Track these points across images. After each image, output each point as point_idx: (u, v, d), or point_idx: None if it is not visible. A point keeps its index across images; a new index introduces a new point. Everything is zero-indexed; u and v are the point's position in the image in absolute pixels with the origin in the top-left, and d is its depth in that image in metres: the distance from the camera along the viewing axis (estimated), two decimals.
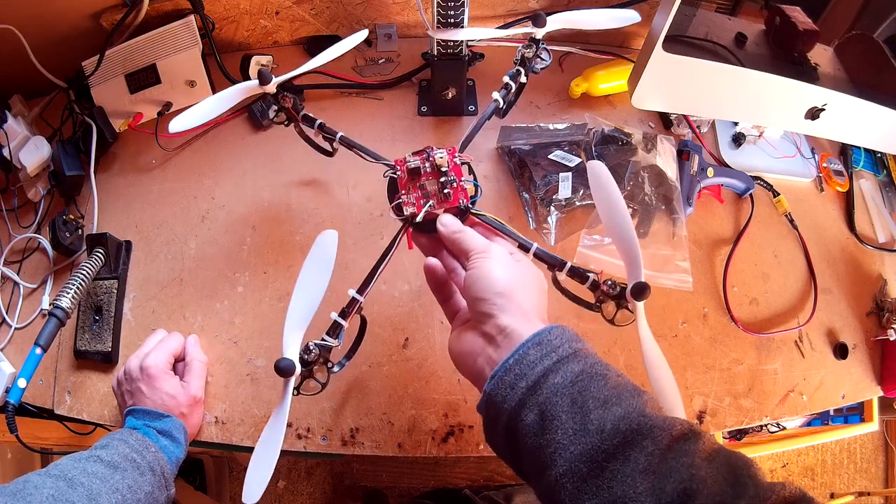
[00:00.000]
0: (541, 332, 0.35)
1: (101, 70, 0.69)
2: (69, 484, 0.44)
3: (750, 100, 0.65)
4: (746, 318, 0.67)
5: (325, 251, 0.46)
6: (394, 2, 0.76)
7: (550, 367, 0.33)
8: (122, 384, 0.57)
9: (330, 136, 0.56)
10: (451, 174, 0.47)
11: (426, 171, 0.47)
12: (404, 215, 0.47)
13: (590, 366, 0.34)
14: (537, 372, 0.33)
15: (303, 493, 1.45)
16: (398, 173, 0.48)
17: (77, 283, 0.58)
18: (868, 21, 0.60)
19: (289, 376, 0.42)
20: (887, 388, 0.69)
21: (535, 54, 0.57)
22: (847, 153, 0.81)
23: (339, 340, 0.45)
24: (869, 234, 0.77)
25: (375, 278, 0.46)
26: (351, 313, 0.45)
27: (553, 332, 0.35)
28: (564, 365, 0.34)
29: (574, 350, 0.35)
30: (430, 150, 0.48)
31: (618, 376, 0.34)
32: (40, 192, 0.72)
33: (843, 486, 1.60)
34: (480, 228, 0.46)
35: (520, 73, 0.56)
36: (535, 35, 0.56)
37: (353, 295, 0.45)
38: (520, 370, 0.34)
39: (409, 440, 0.59)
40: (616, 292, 0.43)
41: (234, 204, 0.70)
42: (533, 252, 0.44)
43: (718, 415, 0.63)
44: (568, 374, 0.33)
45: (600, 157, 0.68)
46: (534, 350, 0.34)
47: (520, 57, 0.57)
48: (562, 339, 0.35)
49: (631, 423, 0.30)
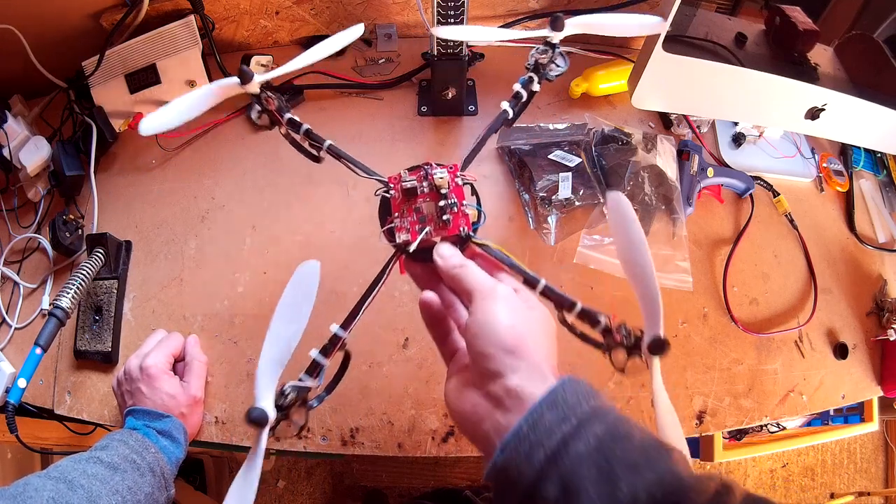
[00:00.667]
0: (554, 391, 0.31)
1: (101, 70, 0.69)
2: (69, 486, 0.44)
3: (750, 100, 0.65)
4: (746, 318, 0.67)
5: (305, 285, 0.40)
6: (394, 2, 0.76)
7: (570, 433, 0.29)
8: (122, 384, 0.58)
9: (317, 144, 0.49)
10: (452, 197, 0.41)
11: (423, 192, 0.41)
12: (397, 242, 0.41)
13: (612, 425, 0.30)
14: (556, 440, 0.29)
15: (303, 493, 1.45)
16: (391, 193, 0.42)
17: (77, 283, 0.58)
18: (868, 21, 0.60)
19: (262, 427, 0.36)
20: (887, 388, 0.69)
21: (551, 59, 0.51)
22: (847, 153, 0.82)
23: (319, 380, 0.39)
24: (869, 234, 0.77)
25: (361, 313, 0.41)
26: (333, 351, 0.40)
27: (567, 388, 0.31)
28: (586, 428, 0.30)
29: (593, 409, 0.31)
30: (428, 167, 0.41)
31: (641, 432, 0.31)
32: (40, 192, 0.72)
33: (843, 486, 1.60)
34: (481, 260, 0.41)
35: (532, 80, 0.49)
36: (552, 39, 0.50)
37: (335, 331, 0.40)
38: (535, 438, 0.30)
39: (409, 440, 0.59)
40: (630, 343, 0.38)
41: (234, 204, 0.70)
42: (540, 289, 0.39)
43: (718, 415, 0.63)
44: (591, 440, 0.29)
45: (600, 156, 0.68)
46: (549, 413, 0.30)
47: (533, 62, 0.50)
48: (577, 395, 0.31)
49: (665, 488, 0.28)
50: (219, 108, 0.75)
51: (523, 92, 0.49)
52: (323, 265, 0.65)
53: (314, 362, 0.39)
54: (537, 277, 0.40)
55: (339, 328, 0.40)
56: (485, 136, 0.47)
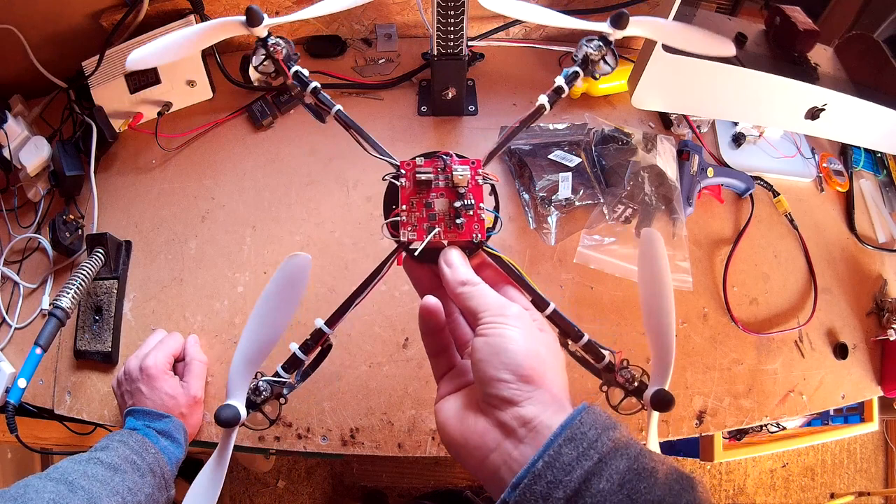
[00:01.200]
0: (570, 423, 0.28)
1: (101, 70, 0.69)
2: (69, 488, 0.44)
3: (750, 100, 0.65)
4: (746, 318, 0.67)
5: (294, 279, 0.36)
6: (394, 2, 0.76)
7: (592, 470, 0.27)
8: (122, 384, 0.58)
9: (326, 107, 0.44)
10: (470, 197, 0.37)
11: (438, 186, 0.37)
12: (400, 239, 0.37)
13: (634, 460, 0.28)
14: (576, 478, 0.27)
15: (303, 493, 1.45)
16: (402, 181, 0.38)
17: (77, 283, 0.58)
18: (868, 21, 0.60)
19: (232, 427, 0.34)
20: (887, 388, 0.69)
21: (603, 57, 0.46)
22: (847, 153, 0.81)
23: (298, 377, 0.37)
24: (869, 234, 0.77)
25: (351, 309, 0.38)
26: (315, 347, 0.37)
27: (585, 419, 0.29)
28: (608, 465, 0.27)
29: (614, 441, 0.28)
30: (447, 157, 0.37)
31: (664, 464, 0.29)
32: (40, 192, 0.72)
33: (843, 486, 1.60)
34: (491, 272, 0.38)
35: (578, 75, 0.44)
36: (610, 36, 0.45)
37: (319, 325, 0.37)
38: (553, 476, 0.27)
39: (409, 440, 0.59)
40: (632, 388, 0.36)
41: (234, 204, 0.70)
42: (548, 313, 0.36)
43: (718, 415, 0.63)
44: (614, 477, 0.27)
45: (600, 156, 0.68)
46: (567, 448, 0.28)
47: (582, 56, 0.45)
48: (596, 427, 0.29)
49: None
50: (219, 109, 0.75)
51: (566, 87, 0.44)
52: (323, 265, 0.65)
53: (293, 357, 0.37)
54: (547, 300, 0.37)
55: (324, 324, 0.37)
56: (516, 130, 0.43)
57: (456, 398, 0.34)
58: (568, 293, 0.65)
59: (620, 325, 0.64)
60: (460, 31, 0.62)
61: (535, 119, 0.44)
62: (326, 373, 0.60)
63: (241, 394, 0.35)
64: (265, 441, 0.59)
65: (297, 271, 0.36)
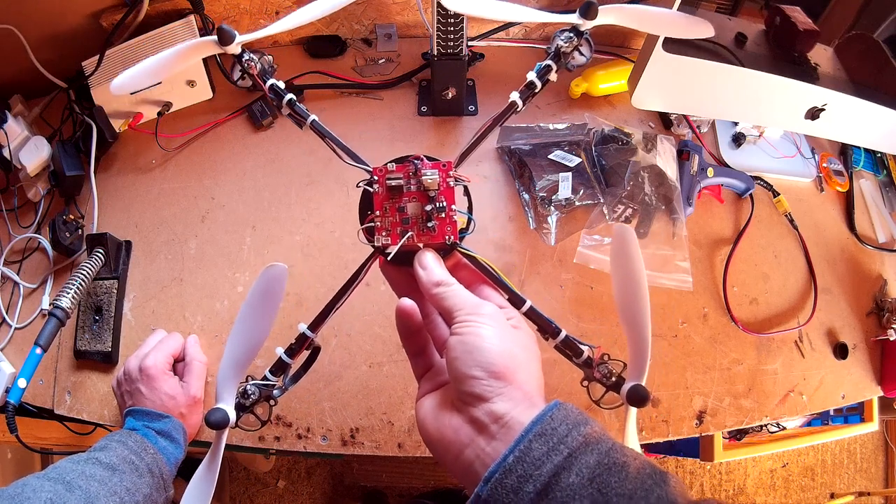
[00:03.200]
0: (541, 418, 0.29)
1: (101, 70, 0.69)
2: (67, 487, 0.44)
3: (750, 100, 0.65)
4: (746, 318, 0.67)
5: (272, 287, 0.38)
6: (394, 2, 0.76)
7: (561, 465, 0.28)
8: (122, 384, 0.58)
9: (300, 118, 0.45)
10: (441, 200, 0.37)
11: (410, 190, 0.38)
12: (375, 244, 0.38)
13: (605, 455, 0.28)
14: (546, 472, 0.27)
15: (303, 493, 1.45)
16: (375, 187, 0.39)
17: (77, 283, 0.58)
18: (868, 21, 0.60)
19: (223, 429, 0.36)
20: (887, 388, 0.69)
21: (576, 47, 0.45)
22: (847, 153, 0.81)
23: (286, 380, 0.38)
24: (869, 234, 0.77)
25: (331, 314, 0.39)
26: (300, 351, 0.39)
27: (556, 415, 0.29)
28: (577, 459, 0.28)
29: (584, 437, 0.29)
30: (417, 161, 0.38)
31: (636, 459, 0.29)
32: (40, 192, 0.72)
33: (843, 486, 1.60)
34: (467, 272, 0.38)
35: (550, 69, 0.44)
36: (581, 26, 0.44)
37: (303, 330, 0.38)
38: (523, 470, 0.28)
39: (409, 440, 0.59)
40: (610, 383, 0.37)
41: (234, 204, 0.70)
42: (525, 310, 0.37)
43: (718, 415, 0.63)
44: (584, 471, 0.28)
45: (600, 156, 0.68)
46: (538, 443, 0.28)
47: (554, 49, 0.44)
48: (567, 423, 0.29)
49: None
50: (219, 109, 0.75)
51: (538, 82, 0.44)
52: (323, 265, 0.65)
53: (279, 361, 0.38)
54: (523, 297, 0.37)
55: (307, 328, 0.38)
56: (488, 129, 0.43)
57: (433, 397, 0.35)
58: (568, 293, 0.65)
59: (620, 326, 0.64)
60: (460, 30, 0.62)
61: (507, 116, 0.44)
62: (326, 373, 0.60)
63: (229, 397, 0.36)
64: (265, 441, 0.59)
65: (273, 281, 0.38)
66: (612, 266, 0.39)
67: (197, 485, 0.37)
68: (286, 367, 0.38)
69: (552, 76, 0.44)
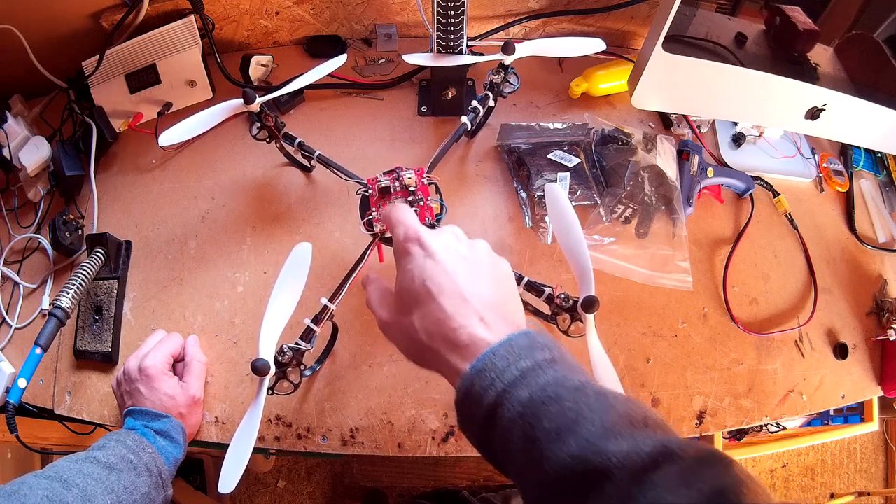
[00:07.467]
0: (484, 357, 0.32)
1: (101, 70, 0.69)
2: (64, 485, 0.44)
3: (750, 100, 0.65)
4: (746, 318, 0.67)
5: (300, 262, 0.50)
6: (394, 2, 0.76)
7: (496, 401, 0.31)
8: (122, 384, 0.57)
9: (308, 154, 0.60)
10: (419, 193, 0.50)
11: (396, 190, 0.51)
12: (374, 231, 0.51)
13: (541, 388, 0.30)
14: (486, 404, 0.31)
15: (303, 493, 1.45)
16: (370, 191, 0.51)
17: (77, 283, 0.58)
18: (868, 21, 0.60)
19: (264, 375, 0.45)
20: (887, 388, 0.69)
21: (504, 79, 0.61)
22: (847, 153, 0.81)
23: (311, 345, 0.48)
24: (869, 234, 0.77)
25: (346, 287, 0.50)
26: (323, 320, 0.49)
27: (498, 351, 0.32)
28: (511, 394, 0.30)
29: (522, 371, 0.31)
30: (399, 170, 0.51)
31: (576, 391, 0.30)
32: (40, 192, 0.72)
33: (843, 486, 1.60)
34: None
35: (488, 97, 0.61)
36: (505, 62, 0.60)
37: (324, 303, 0.49)
38: (472, 400, 0.32)
39: (409, 440, 0.59)
40: (569, 305, 0.46)
41: (234, 204, 0.70)
42: None
43: (718, 415, 0.63)
44: (516, 406, 0.30)
45: (600, 156, 0.69)
46: (478, 379, 0.32)
47: (489, 82, 0.61)
48: (508, 358, 0.32)
49: (587, 463, 0.27)
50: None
51: (480, 108, 0.60)
52: (323, 264, 0.65)
53: (307, 329, 0.48)
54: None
55: (328, 301, 0.49)
56: (446, 146, 0.56)
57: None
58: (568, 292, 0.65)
59: (621, 326, 0.64)
60: (460, 31, 0.62)
61: (459, 137, 0.59)
62: (326, 373, 0.60)
63: (269, 351, 0.46)
64: (265, 441, 0.59)
65: (301, 255, 0.50)
66: (550, 216, 0.50)
67: (243, 429, 0.46)
68: (312, 334, 0.48)
69: (490, 102, 0.62)
